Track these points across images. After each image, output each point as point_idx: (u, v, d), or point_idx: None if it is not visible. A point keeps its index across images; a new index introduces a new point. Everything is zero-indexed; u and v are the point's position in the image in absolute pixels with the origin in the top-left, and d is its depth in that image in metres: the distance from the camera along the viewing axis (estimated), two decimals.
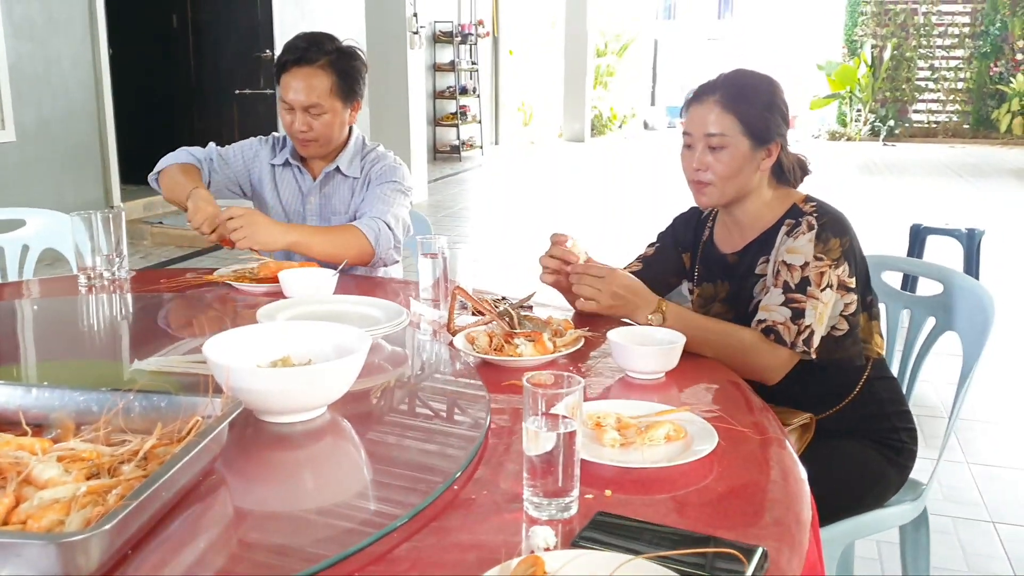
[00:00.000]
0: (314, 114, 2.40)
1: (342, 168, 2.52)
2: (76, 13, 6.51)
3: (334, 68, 2.42)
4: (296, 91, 2.39)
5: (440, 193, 9.83)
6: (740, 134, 1.82)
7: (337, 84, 2.42)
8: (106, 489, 0.96)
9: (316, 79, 2.39)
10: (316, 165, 2.56)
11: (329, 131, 2.44)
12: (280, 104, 2.46)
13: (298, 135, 2.44)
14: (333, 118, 2.43)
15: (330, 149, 2.51)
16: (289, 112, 2.42)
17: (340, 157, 2.52)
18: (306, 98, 2.38)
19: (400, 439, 1.36)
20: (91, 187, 6.78)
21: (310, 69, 2.39)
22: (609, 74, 18.96)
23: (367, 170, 2.53)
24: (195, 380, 1.44)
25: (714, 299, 1.98)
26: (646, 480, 1.21)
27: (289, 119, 2.43)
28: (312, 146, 2.46)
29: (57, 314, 2.10)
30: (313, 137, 2.43)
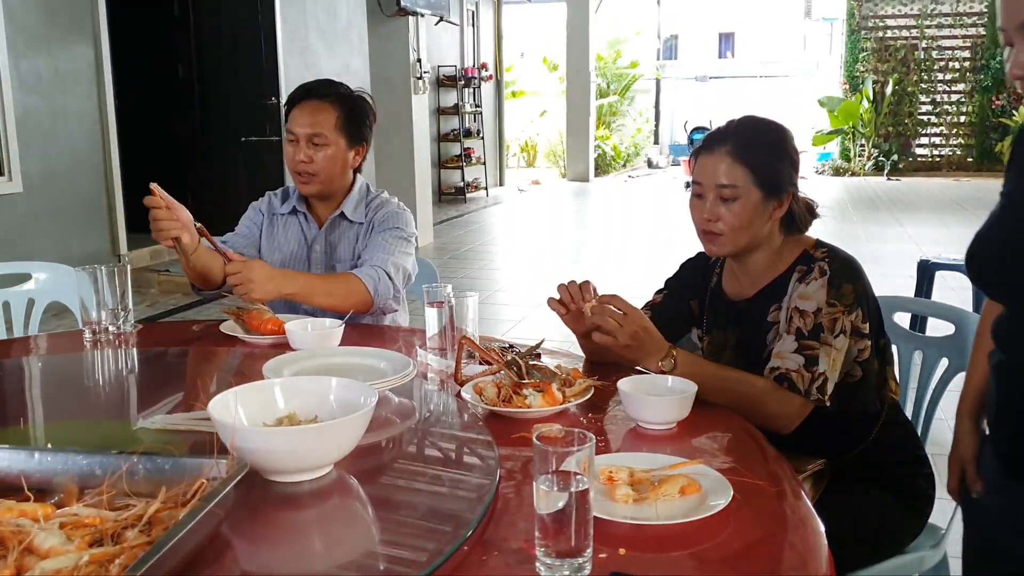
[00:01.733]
0: (316, 144, 2.41)
1: (347, 214, 2.52)
2: (83, 67, 6.58)
3: (342, 105, 2.45)
4: (302, 123, 2.42)
5: (445, 235, 9.85)
6: (751, 185, 1.80)
7: (343, 119, 2.44)
8: (109, 558, 0.94)
9: (322, 113, 2.43)
10: (321, 213, 2.56)
11: (331, 167, 2.44)
12: (286, 138, 2.48)
13: (299, 168, 2.44)
14: (335, 153, 2.44)
15: (331, 190, 2.51)
16: (293, 144, 2.44)
17: (345, 203, 2.52)
18: (310, 128, 2.41)
19: (409, 496, 1.34)
20: (98, 237, 6.81)
21: (318, 102, 2.44)
22: (612, 114, 19.09)
23: (371, 216, 2.53)
24: (201, 439, 1.42)
25: (725, 347, 1.96)
26: (661, 537, 1.18)
27: (292, 151, 2.45)
28: (313, 182, 2.46)
29: (62, 371, 2.08)
30: (313, 171, 2.43)
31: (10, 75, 5.92)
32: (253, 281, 2.16)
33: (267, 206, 2.62)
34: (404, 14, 8.49)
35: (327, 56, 9.24)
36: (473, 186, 13.25)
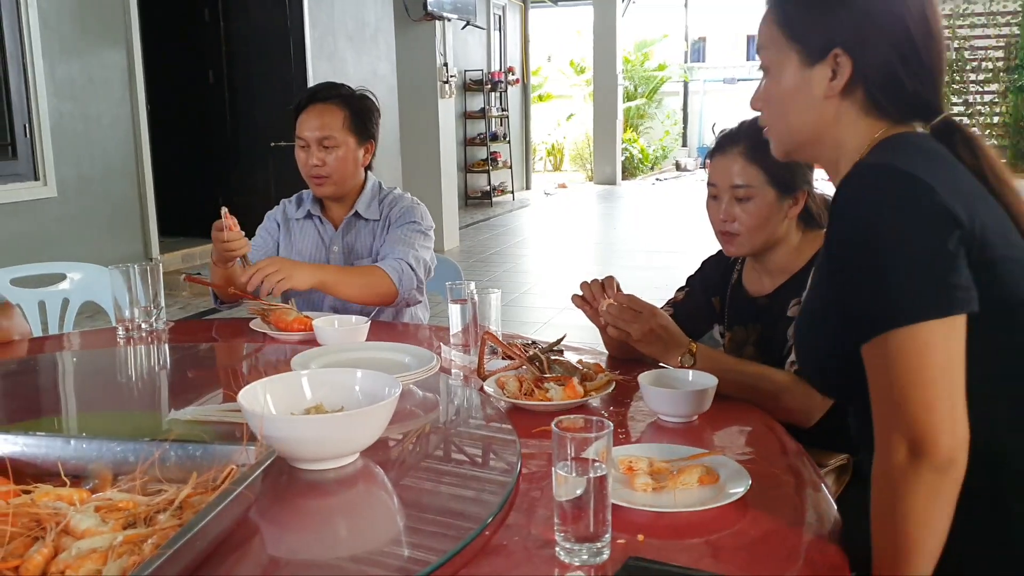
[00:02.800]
0: (327, 147, 2.46)
1: (361, 212, 2.56)
2: (115, 73, 6.69)
3: (347, 105, 2.51)
4: (310, 127, 2.47)
5: (472, 239, 9.89)
6: (766, 184, 1.82)
7: (350, 119, 2.49)
8: (142, 538, 0.97)
9: (329, 115, 2.48)
10: (336, 214, 2.61)
11: (343, 167, 2.49)
12: (296, 144, 2.53)
13: (312, 172, 2.50)
14: (346, 153, 2.49)
15: (345, 190, 2.55)
16: (304, 149, 2.50)
17: (358, 202, 2.57)
18: (319, 131, 2.46)
19: (432, 485, 1.37)
20: (130, 240, 6.91)
21: (323, 105, 2.50)
22: (640, 116, 19.07)
23: (386, 213, 2.58)
24: (230, 429, 1.46)
25: (746, 343, 1.97)
26: (679, 524, 1.20)
27: (304, 156, 2.50)
28: (326, 184, 2.51)
29: (96, 366, 2.14)
30: (327, 173, 2.48)
31: (45, 81, 6.03)
32: (285, 267, 2.20)
33: (282, 214, 2.67)
34: (431, 18, 8.54)
35: (355, 61, 9.32)
36: (499, 190, 13.29)
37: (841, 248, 1.12)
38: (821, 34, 1.19)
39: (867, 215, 1.08)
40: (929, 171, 1.09)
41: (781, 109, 1.27)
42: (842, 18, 1.18)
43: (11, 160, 5.93)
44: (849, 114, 1.22)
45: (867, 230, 1.08)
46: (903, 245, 1.06)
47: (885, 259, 1.06)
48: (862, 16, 1.17)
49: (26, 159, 6.01)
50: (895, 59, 1.17)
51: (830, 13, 1.19)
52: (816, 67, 1.21)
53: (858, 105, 1.21)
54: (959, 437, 1.04)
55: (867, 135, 1.22)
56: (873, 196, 1.09)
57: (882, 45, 1.17)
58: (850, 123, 1.22)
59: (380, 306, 2.41)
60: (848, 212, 1.11)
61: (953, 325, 1.05)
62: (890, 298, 1.06)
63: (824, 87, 1.21)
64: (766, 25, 1.26)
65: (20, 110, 5.94)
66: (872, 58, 1.17)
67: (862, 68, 1.18)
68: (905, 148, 1.17)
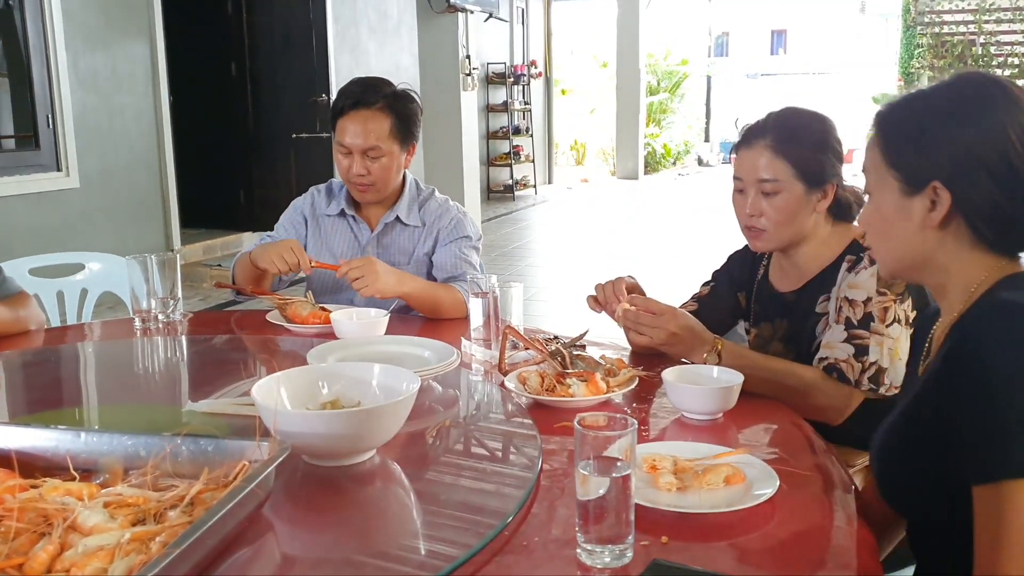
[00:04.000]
0: (372, 157, 2.37)
1: (402, 217, 2.48)
2: (139, 66, 6.70)
3: (392, 110, 2.39)
4: (354, 134, 2.36)
5: (494, 233, 9.86)
6: (793, 178, 1.77)
7: (395, 126, 2.39)
8: (151, 536, 0.94)
9: (374, 121, 2.37)
10: (372, 215, 2.53)
11: (387, 175, 2.41)
12: (336, 149, 2.42)
13: (355, 180, 2.41)
14: (391, 161, 2.40)
15: (387, 194, 2.48)
16: (347, 156, 2.39)
17: (398, 205, 2.49)
18: (364, 141, 2.35)
19: (451, 482, 1.33)
20: (152, 232, 6.93)
21: (368, 112, 2.37)
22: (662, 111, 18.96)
23: (431, 222, 2.50)
24: (246, 423, 1.43)
25: (772, 338, 1.93)
26: (704, 526, 1.16)
27: (347, 164, 2.40)
28: (370, 191, 2.43)
29: (112, 357, 2.12)
30: (371, 182, 2.40)
31: (68, 73, 6.05)
32: (376, 274, 2.15)
33: (311, 207, 2.57)
34: (454, 11, 8.50)
35: (377, 54, 9.30)
36: (522, 184, 13.24)
37: (977, 380, 1.06)
38: (920, 165, 1.19)
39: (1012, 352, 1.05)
40: None
41: (882, 234, 1.28)
42: (942, 152, 1.17)
43: (34, 151, 5.95)
44: (952, 243, 1.20)
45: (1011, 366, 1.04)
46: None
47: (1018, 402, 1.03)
48: (962, 151, 1.15)
49: (49, 150, 6.03)
50: (997, 193, 1.15)
51: (930, 146, 1.18)
52: (916, 197, 1.20)
53: (962, 235, 1.20)
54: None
55: (979, 266, 1.20)
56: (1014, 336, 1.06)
57: (982, 180, 1.15)
58: (955, 252, 1.21)
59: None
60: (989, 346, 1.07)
61: None
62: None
63: (923, 217, 1.20)
64: (870, 149, 1.27)
65: (43, 102, 5.96)
66: (972, 193, 1.16)
67: (962, 202, 1.17)
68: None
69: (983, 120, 1.15)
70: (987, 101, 1.16)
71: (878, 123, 1.26)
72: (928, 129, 1.19)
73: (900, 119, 1.24)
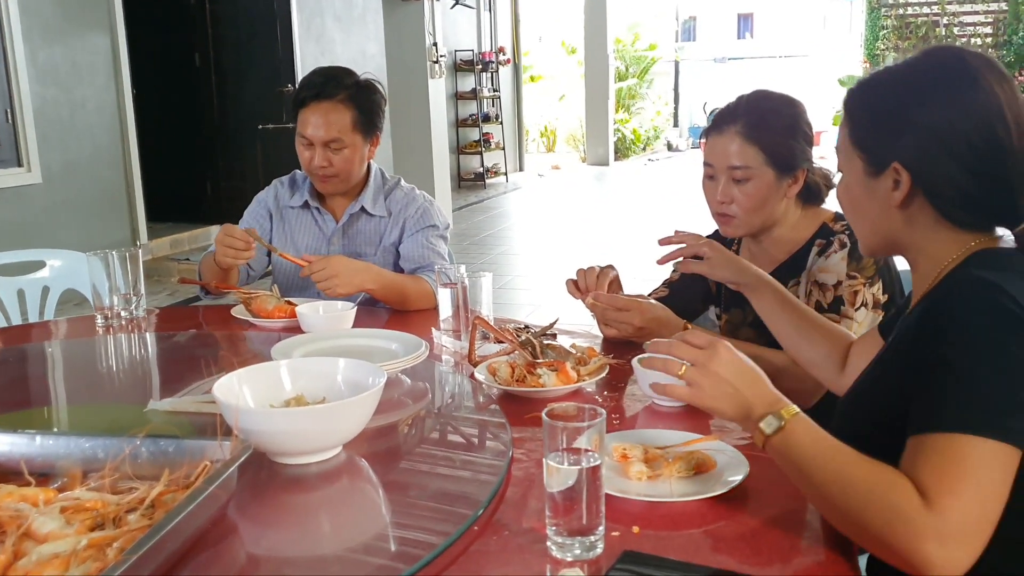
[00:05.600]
0: (334, 149, 2.33)
1: (367, 208, 2.45)
2: (99, 58, 6.59)
3: (354, 102, 2.35)
4: (316, 127, 2.32)
5: (465, 221, 9.82)
6: (764, 164, 1.75)
7: (358, 118, 2.35)
8: (107, 542, 0.92)
9: (336, 113, 2.33)
10: (337, 206, 2.49)
11: (350, 167, 2.38)
12: (298, 140, 2.38)
13: (317, 171, 2.37)
14: (353, 153, 2.36)
15: (350, 185, 2.45)
16: (308, 148, 2.35)
17: (363, 196, 2.46)
18: (326, 133, 2.31)
19: (419, 478, 1.32)
20: (118, 227, 6.84)
21: (330, 104, 2.33)
22: (631, 97, 18.96)
23: (397, 211, 2.47)
24: (210, 421, 1.40)
25: (743, 324, 1.92)
26: (676, 514, 1.15)
27: (308, 155, 2.36)
28: (332, 182, 2.40)
29: (72, 356, 2.08)
30: (333, 173, 2.36)
31: (27, 67, 5.94)
32: (338, 275, 2.11)
33: (274, 199, 2.53)
34: None
35: (343, 42, 9.22)
36: (492, 171, 13.20)
37: (936, 351, 1.06)
38: (882, 147, 1.20)
39: (978, 323, 1.05)
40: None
41: (853, 212, 1.30)
42: (903, 135, 1.17)
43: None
44: (921, 222, 1.20)
45: (971, 339, 1.05)
46: (1004, 365, 1.02)
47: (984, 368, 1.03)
48: (922, 134, 1.15)
49: (9, 145, 5.93)
50: (959, 174, 1.14)
51: (891, 128, 1.18)
52: (879, 178, 1.21)
53: (928, 214, 1.19)
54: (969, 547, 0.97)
55: (950, 243, 1.20)
56: (985, 308, 1.06)
57: (943, 161, 1.15)
58: (924, 230, 1.21)
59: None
60: (952, 317, 1.07)
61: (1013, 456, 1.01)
62: (979, 406, 1.01)
63: (886, 197, 1.21)
64: (841, 128, 1.28)
65: (2, 96, 5.85)
66: (933, 174, 1.16)
67: (922, 182, 1.17)
68: (1008, 268, 1.13)
69: (944, 102, 1.15)
70: (948, 82, 1.16)
71: (846, 103, 1.26)
72: (890, 110, 1.19)
73: (865, 100, 1.24)
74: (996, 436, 0.99)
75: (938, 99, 1.15)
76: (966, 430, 1.00)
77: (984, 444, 0.99)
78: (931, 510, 0.97)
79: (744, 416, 1.13)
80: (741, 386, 1.14)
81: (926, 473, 0.99)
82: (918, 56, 1.23)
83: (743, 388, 1.14)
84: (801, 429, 1.09)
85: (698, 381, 1.15)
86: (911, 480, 1.00)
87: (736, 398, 1.13)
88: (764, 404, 1.12)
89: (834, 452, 1.06)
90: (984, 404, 1.01)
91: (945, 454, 0.99)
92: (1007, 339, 1.03)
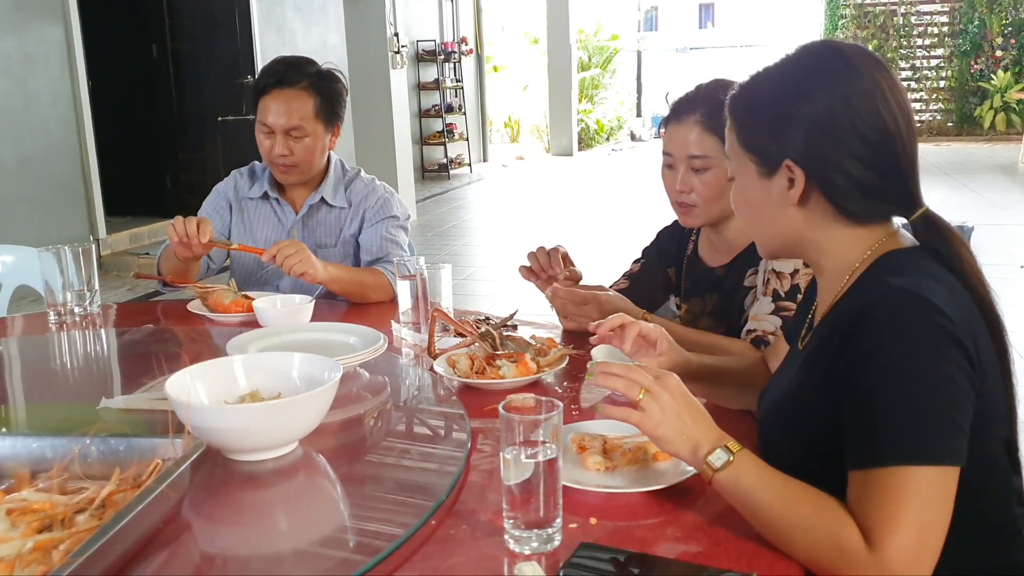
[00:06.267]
0: (295, 137, 2.30)
1: (327, 199, 2.42)
2: (53, 49, 6.47)
3: (316, 90, 2.33)
4: (277, 114, 2.29)
5: (429, 213, 9.78)
6: (723, 154, 1.75)
7: (319, 106, 2.33)
8: (54, 544, 0.90)
9: (298, 101, 2.30)
10: (296, 197, 2.46)
11: (311, 156, 2.35)
12: (259, 129, 2.35)
13: (278, 160, 2.34)
14: (315, 142, 2.34)
15: (310, 175, 2.42)
16: (269, 136, 2.32)
17: (323, 186, 2.43)
18: (287, 121, 2.29)
19: (378, 472, 1.31)
20: (75, 221, 6.72)
21: (292, 91, 2.30)
22: (595, 87, 18.96)
23: (357, 202, 2.44)
24: (164, 419, 1.38)
25: (702, 313, 1.93)
26: (633, 505, 1.15)
27: (268, 144, 2.33)
28: (293, 172, 2.37)
29: (24, 354, 2.04)
30: (294, 163, 2.34)
31: None
32: (307, 252, 2.10)
33: (234, 190, 2.50)
34: None
35: (304, 32, 9.13)
36: (456, 162, 13.15)
37: (870, 369, 1.04)
38: (771, 146, 1.18)
39: (908, 346, 1.03)
40: (950, 304, 1.06)
41: (750, 216, 1.27)
42: (789, 132, 1.16)
43: None
44: (819, 219, 1.19)
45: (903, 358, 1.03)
46: (936, 385, 1.02)
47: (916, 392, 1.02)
48: (810, 128, 1.14)
49: None
50: (852, 164, 1.14)
51: (778, 126, 1.17)
52: (773, 178, 1.19)
53: (825, 210, 1.18)
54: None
55: (851, 241, 1.19)
56: (914, 329, 1.04)
57: (833, 153, 1.14)
58: (823, 227, 1.19)
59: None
60: (881, 338, 1.04)
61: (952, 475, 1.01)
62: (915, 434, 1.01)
63: (782, 196, 1.19)
64: (728, 133, 1.26)
65: None
66: (825, 167, 1.15)
67: (817, 176, 1.16)
68: (919, 271, 1.12)
69: (826, 93, 1.14)
70: (827, 73, 1.16)
71: (730, 107, 1.25)
72: (774, 108, 1.18)
73: (748, 101, 1.23)
74: (935, 462, 1.00)
75: (819, 91, 1.14)
76: (905, 461, 1.00)
77: (924, 472, 0.99)
78: (873, 551, 0.98)
79: (691, 450, 1.11)
80: (688, 419, 1.12)
81: (869, 511, 1.00)
82: (795, 52, 1.22)
83: (690, 422, 1.12)
84: (748, 464, 1.08)
85: (650, 408, 1.13)
86: (856, 517, 1.01)
87: (685, 431, 1.12)
88: (710, 440, 1.11)
89: (782, 487, 1.06)
90: (919, 432, 1.01)
91: (885, 490, 1.00)
92: (938, 359, 1.03)
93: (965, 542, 1.04)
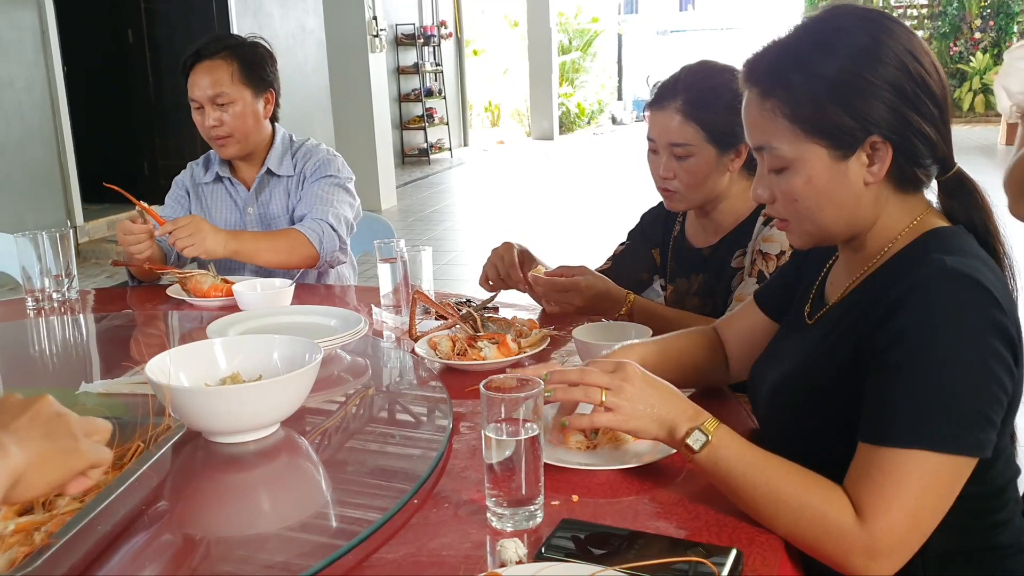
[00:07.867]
0: (220, 104, 2.33)
1: (273, 169, 2.44)
2: (26, 34, 6.39)
3: (235, 55, 2.36)
4: (200, 86, 2.33)
5: (410, 197, 9.75)
6: (704, 142, 1.75)
7: (241, 70, 2.35)
8: (35, 526, 0.89)
9: (218, 70, 2.34)
10: (247, 174, 2.48)
11: (243, 123, 2.36)
12: (192, 109, 2.38)
13: (212, 133, 2.37)
14: (244, 108, 2.36)
15: (251, 147, 2.42)
16: (199, 111, 2.36)
17: (269, 158, 2.45)
18: (211, 89, 2.32)
19: (358, 454, 1.31)
20: (52, 209, 6.67)
21: (210, 62, 2.35)
22: (575, 70, 18.93)
23: (300, 167, 2.46)
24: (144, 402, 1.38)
25: (688, 293, 1.93)
26: (614, 482, 1.16)
27: (200, 119, 2.37)
28: (230, 143, 2.38)
29: (1, 340, 2.02)
30: (227, 132, 2.36)
31: None
32: (202, 231, 2.11)
33: (190, 179, 2.54)
34: None
35: (281, 17, 9.05)
36: (437, 147, 13.11)
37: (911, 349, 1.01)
38: (850, 124, 1.09)
39: (956, 331, 1.00)
40: (1002, 292, 1.03)
41: (815, 205, 1.14)
42: (870, 103, 1.07)
43: None
44: (883, 192, 1.13)
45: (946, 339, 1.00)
46: (976, 378, 0.99)
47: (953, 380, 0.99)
48: (890, 94, 1.07)
49: None
50: (928, 127, 1.09)
51: (854, 101, 1.08)
52: (851, 159, 1.10)
53: (893, 182, 1.13)
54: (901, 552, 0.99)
55: (897, 213, 1.15)
56: (967, 312, 1.01)
57: (915, 117, 1.08)
58: (883, 201, 1.14)
59: (302, 269, 2.32)
60: (936, 319, 1.00)
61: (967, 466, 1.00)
62: (939, 421, 0.98)
63: (863, 175, 1.11)
64: (769, 119, 1.14)
65: None
66: (910, 135, 1.09)
67: (902, 148, 1.09)
68: (967, 252, 1.08)
69: (893, 52, 1.08)
70: (884, 31, 1.09)
71: (780, 98, 1.12)
72: (845, 81, 1.08)
73: (804, 85, 1.10)
74: (954, 451, 0.98)
75: (888, 51, 1.07)
76: (920, 445, 0.98)
77: (935, 459, 0.97)
78: (863, 526, 0.98)
79: (668, 433, 1.10)
80: (657, 402, 1.11)
81: (867, 488, 0.99)
82: (825, 22, 1.13)
83: (659, 404, 1.11)
84: (727, 441, 1.07)
85: (617, 404, 1.11)
86: (850, 491, 1.00)
87: (657, 416, 1.11)
88: (686, 419, 1.10)
89: (764, 463, 1.05)
90: (945, 419, 0.98)
91: (891, 469, 0.98)
92: (985, 351, 1.00)
93: (957, 523, 1.04)
